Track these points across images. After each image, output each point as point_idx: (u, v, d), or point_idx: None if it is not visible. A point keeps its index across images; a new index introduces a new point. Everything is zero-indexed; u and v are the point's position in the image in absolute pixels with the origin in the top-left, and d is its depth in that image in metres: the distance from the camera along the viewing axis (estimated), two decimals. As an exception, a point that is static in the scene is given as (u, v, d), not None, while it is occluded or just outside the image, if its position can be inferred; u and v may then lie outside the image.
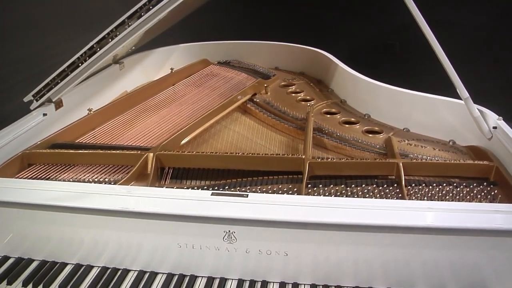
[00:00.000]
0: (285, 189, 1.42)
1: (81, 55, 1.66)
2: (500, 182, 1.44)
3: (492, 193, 1.39)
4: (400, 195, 1.38)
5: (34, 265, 1.36)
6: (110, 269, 1.33)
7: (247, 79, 2.45)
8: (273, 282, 1.28)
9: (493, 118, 1.62)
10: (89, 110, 1.90)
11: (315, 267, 1.25)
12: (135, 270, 1.32)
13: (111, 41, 1.63)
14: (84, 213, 1.28)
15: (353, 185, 1.43)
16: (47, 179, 1.50)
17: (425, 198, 1.36)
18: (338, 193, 1.40)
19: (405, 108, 1.90)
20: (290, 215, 1.20)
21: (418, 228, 1.15)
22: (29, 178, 1.50)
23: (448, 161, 1.53)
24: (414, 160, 1.53)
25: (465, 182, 1.46)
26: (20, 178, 1.50)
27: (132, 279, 1.30)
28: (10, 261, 1.37)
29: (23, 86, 1.78)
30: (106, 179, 1.51)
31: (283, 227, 1.21)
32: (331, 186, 1.43)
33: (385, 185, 1.43)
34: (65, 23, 1.56)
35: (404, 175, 1.49)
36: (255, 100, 2.18)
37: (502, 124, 1.58)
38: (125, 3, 1.72)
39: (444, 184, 1.43)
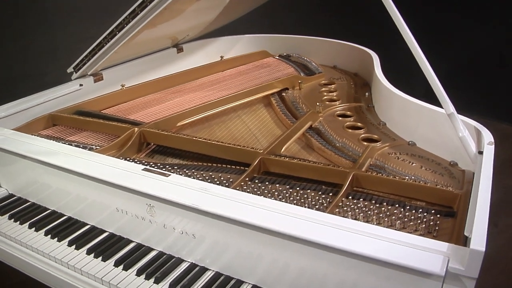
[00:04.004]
0: (222, 178, 1.46)
1: (105, 36, 1.91)
2: (459, 214, 1.27)
3: (432, 222, 1.23)
4: (325, 204, 1.32)
5: (26, 204, 1.68)
6: (73, 220, 1.58)
7: (292, 73, 2.47)
8: (187, 262, 1.36)
9: (485, 141, 1.41)
10: (122, 85, 2.16)
11: (219, 255, 1.29)
12: (90, 225, 1.54)
13: (127, 26, 1.84)
14: (54, 168, 1.52)
15: (287, 187, 1.41)
16: (57, 138, 1.80)
17: (349, 213, 1.27)
18: (267, 191, 1.39)
19: (412, 120, 1.73)
20: (195, 200, 1.25)
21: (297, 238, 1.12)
22: (46, 136, 1.82)
23: (409, 181, 1.39)
24: (369, 173, 1.42)
25: (421, 207, 1.31)
26: (41, 134, 1.83)
27: (84, 229, 1.53)
28: (12, 198, 1.71)
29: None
30: (99, 145, 1.74)
31: (189, 210, 1.28)
32: (267, 183, 1.43)
33: (321, 192, 1.38)
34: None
35: (358, 187, 1.42)
36: (282, 94, 2.21)
37: (489, 151, 1.36)
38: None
39: (385, 204, 1.30)
